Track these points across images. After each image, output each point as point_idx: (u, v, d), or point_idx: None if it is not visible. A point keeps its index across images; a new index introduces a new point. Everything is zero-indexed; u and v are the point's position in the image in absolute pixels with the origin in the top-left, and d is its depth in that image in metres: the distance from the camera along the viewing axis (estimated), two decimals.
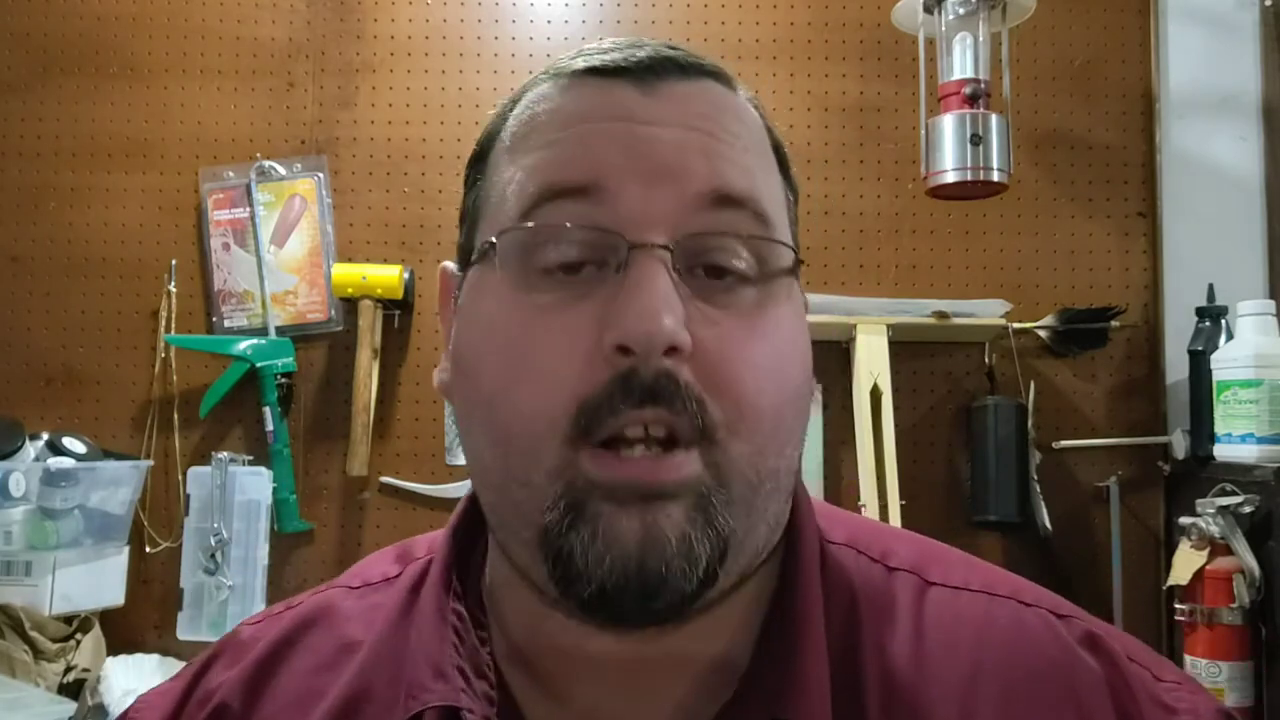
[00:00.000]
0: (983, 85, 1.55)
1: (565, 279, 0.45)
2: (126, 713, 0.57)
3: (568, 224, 0.45)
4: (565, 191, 0.45)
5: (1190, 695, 0.49)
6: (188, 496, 1.74)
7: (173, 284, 1.79)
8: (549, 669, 0.49)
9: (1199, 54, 1.81)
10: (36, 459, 1.64)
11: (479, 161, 0.52)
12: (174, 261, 1.80)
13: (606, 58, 0.48)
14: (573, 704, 0.48)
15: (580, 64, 0.49)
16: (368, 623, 0.54)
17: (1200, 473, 1.63)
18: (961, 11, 1.58)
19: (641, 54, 0.48)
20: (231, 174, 1.82)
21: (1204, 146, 1.80)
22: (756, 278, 0.46)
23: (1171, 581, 1.52)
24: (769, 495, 0.46)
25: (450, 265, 0.54)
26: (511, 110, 0.51)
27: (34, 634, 1.53)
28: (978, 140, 1.53)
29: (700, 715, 0.47)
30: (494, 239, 0.47)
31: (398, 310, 1.78)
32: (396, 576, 0.56)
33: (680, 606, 0.43)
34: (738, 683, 0.47)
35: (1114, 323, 1.76)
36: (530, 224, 0.45)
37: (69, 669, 1.55)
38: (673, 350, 0.42)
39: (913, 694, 0.47)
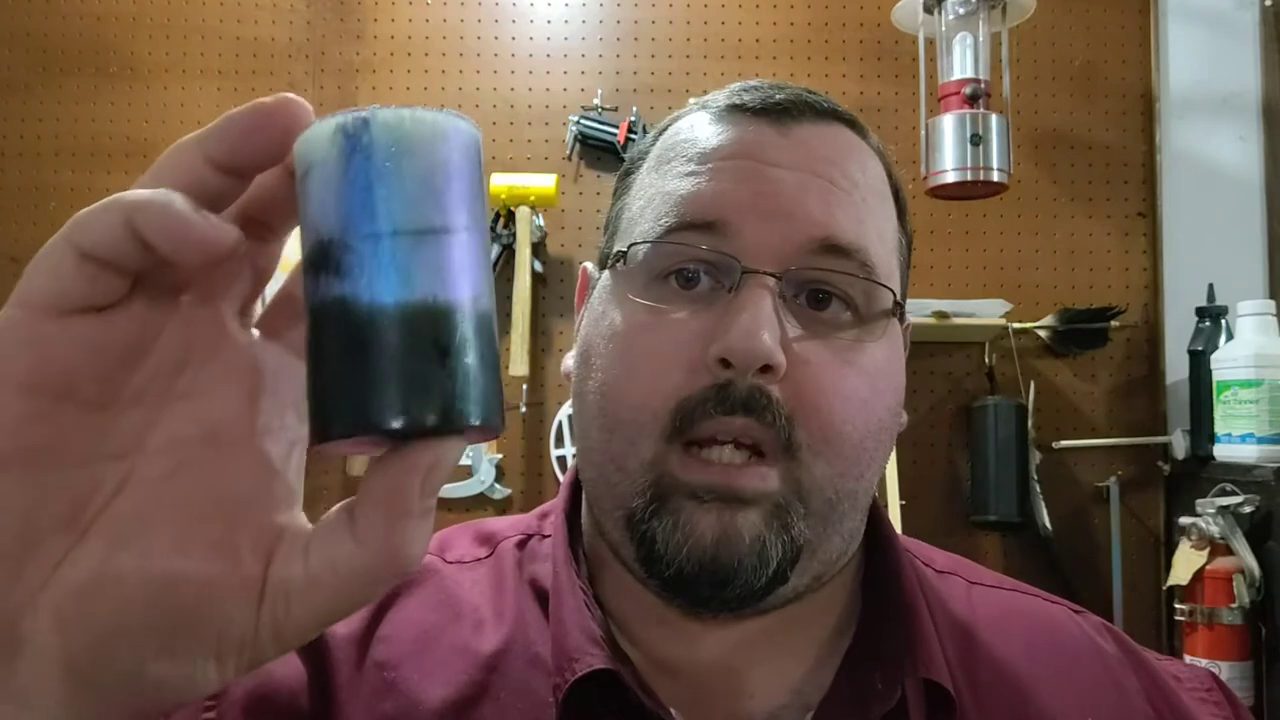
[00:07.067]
0: (983, 85, 1.56)
1: (683, 293, 0.50)
2: None
3: (690, 245, 0.50)
4: (694, 226, 0.50)
5: (1188, 668, 0.59)
6: None
7: None
8: (654, 642, 0.52)
9: (1199, 54, 1.81)
10: None
11: (626, 176, 0.57)
12: None
13: (749, 96, 0.53)
14: (681, 675, 0.52)
15: (724, 100, 0.54)
16: (477, 594, 0.54)
17: (1200, 473, 1.63)
18: (961, 11, 1.58)
19: (780, 96, 0.53)
20: None
21: (1204, 146, 1.80)
22: (856, 315, 0.51)
23: (1171, 581, 1.52)
24: (846, 514, 0.50)
25: (590, 266, 0.59)
26: (661, 135, 0.56)
27: None
28: (978, 140, 1.53)
29: (810, 686, 0.51)
30: (625, 249, 0.52)
31: None
32: (487, 557, 0.57)
33: (751, 598, 0.48)
34: (846, 652, 0.52)
35: (1114, 323, 1.77)
36: (659, 241, 0.51)
37: None
38: (767, 369, 0.46)
39: (986, 665, 0.53)
